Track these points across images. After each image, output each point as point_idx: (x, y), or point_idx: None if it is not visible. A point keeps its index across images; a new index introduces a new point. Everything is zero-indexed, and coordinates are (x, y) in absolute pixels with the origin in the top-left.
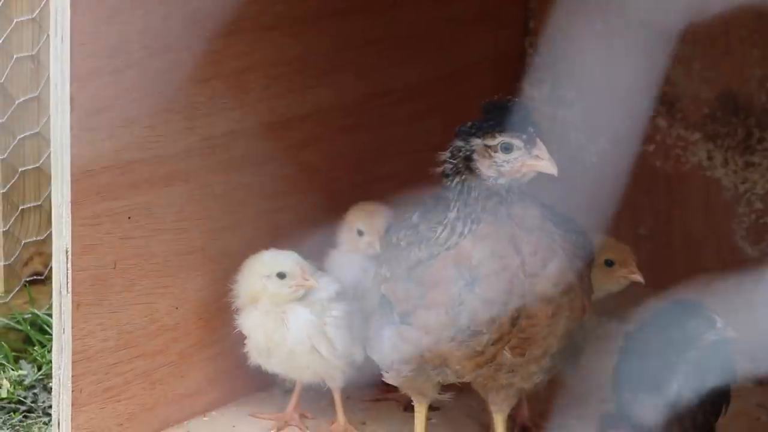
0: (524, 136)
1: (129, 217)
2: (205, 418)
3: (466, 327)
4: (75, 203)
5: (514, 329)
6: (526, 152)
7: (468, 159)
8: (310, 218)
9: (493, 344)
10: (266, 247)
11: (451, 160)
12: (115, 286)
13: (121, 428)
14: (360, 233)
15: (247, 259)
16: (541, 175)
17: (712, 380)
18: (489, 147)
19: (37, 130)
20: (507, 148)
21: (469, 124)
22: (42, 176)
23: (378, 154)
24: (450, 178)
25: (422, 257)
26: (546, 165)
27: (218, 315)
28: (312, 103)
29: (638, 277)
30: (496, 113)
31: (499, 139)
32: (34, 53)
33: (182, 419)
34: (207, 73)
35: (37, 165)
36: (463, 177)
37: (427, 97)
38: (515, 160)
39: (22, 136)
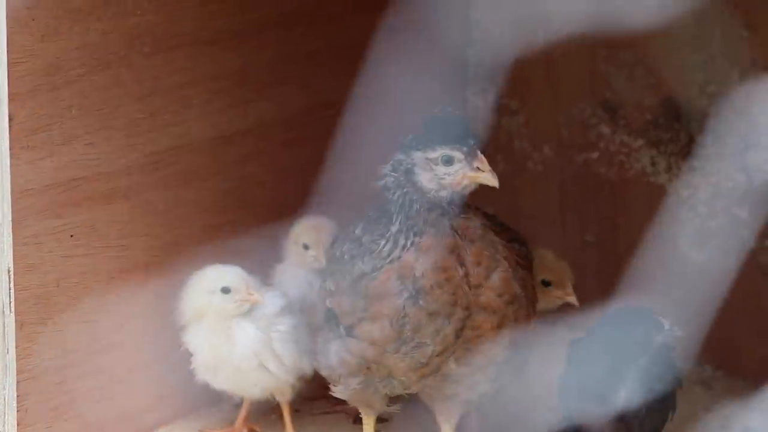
0: (465, 149)
1: (71, 236)
2: None
3: (410, 339)
4: (15, 222)
5: (458, 340)
6: (467, 164)
7: (409, 172)
8: (255, 233)
9: (437, 356)
10: (212, 262)
11: (392, 174)
12: (59, 305)
13: None
14: (306, 247)
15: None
16: (483, 186)
17: (659, 386)
18: (430, 160)
19: None
20: (448, 161)
21: (410, 137)
22: None
23: (322, 167)
24: (391, 191)
25: (366, 270)
26: (487, 177)
27: (164, 332)
28: (254, 117)
29: (573, 300)
30: (436, 126)
31: (439, 152)
32: None
33: None
34: (147, 89)
35: None
36: (405, 190)
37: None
38: (456, 173)
39: None
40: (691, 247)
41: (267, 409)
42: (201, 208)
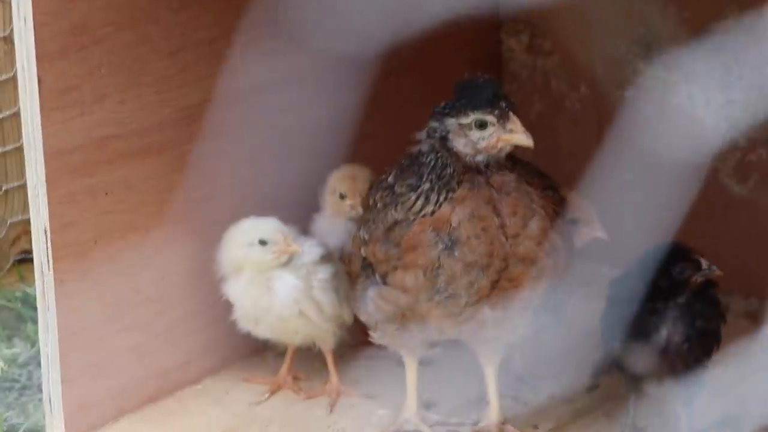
0: (497, 112)
1: (106, 193)
2: (198, 387)
3: (444, 289)
4: (50, 182)
5: (494, 291)
6: (500, 127)
7: (444, 139)
8: (291, 183)
9: (471, 306)
10: (249, 214)
11: (427, 140)
12: (97, 261)
13: (113, 402)
14: (342, 197)
15: (229, 228)
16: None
17: (700, 322)
18: (463, 125)
19: (15, 110)
20: (481, 125)
21: (443, 104)
22: (24, 156)
23: (360, 115)
24: (425, 155)
25: (399, 218)
26: (521, 138)
27: (204, 284)
28: (286, 67)
29: (602, 234)
30: (467, 91)
31: (472, 117)
32: (6, 34)
33: (174, 390)
34: (176, 45)
35: (18, 144)
36: (439, 154)
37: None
38: (490, 136)
39: (1, 116)
40: (732, 181)
41: (311, 357)
42: (235, 160)
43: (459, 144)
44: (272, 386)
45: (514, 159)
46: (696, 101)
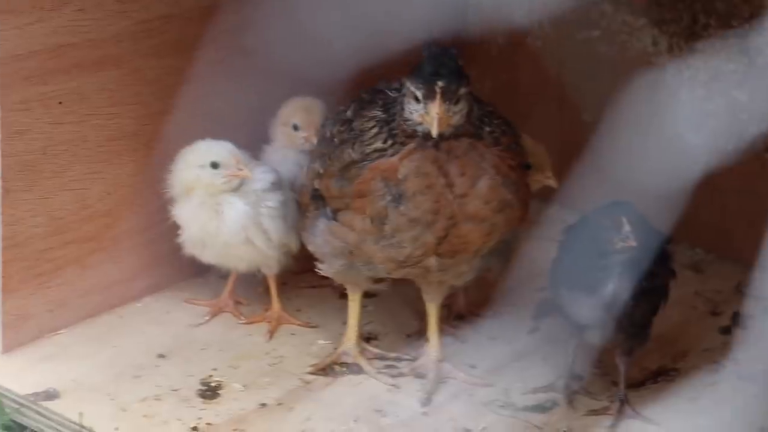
0: (424, 91)
1: (60, 102)
2: (138, 304)
3: (390, 237)
4: (3, 87)
5: (441, 246)
6: (423, 106)
7: (402, 97)
8: (246, 105)
9: (416, 257)
10: (200, 133)
11: (396, 92)
12: (46, 172)
13: (52, 314)
14: (295, 128)
15: (181, 147)
16: (482, 61)
17: (648, 279)
18: (409, 92)
19: None
20: (415, 98)
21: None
22: None
23: (320, 40)
24: (393, 105)
25: (355, 157)
26: (427, 127)
27: (152, 201)
28: None
29: (552, 182)
30: (427, 58)
31: (412, 87)
32: None
33: (115, 305)
34: None
35: None
36: (401, 108)
37: None
38: (416, 111)
39: None
40: (688, 129)
41: (254, 282)
42: (192, 78)
43: (406, 108)
44: (213, 309)
45: (490, 113)
46: (660, 47)
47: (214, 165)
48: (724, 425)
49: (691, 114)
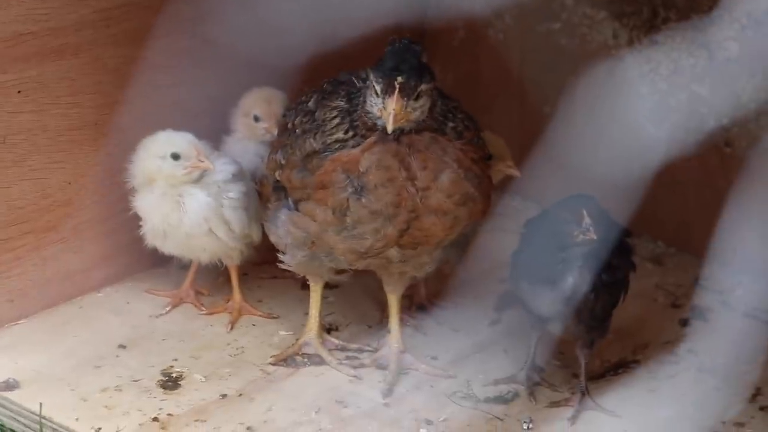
0: (381, 86)
1: (19, 91)
2: (99, 294)
3: (352, 228)
4: None
5: (403, 239)
6: (382, 101)
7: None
8: (206, 94)
9: (377, 249)
10: (162, 123)
11: (361, 81)
12: (5, 161)
13: (11, 304)
14: (256, 119)
15: (142, 137)
16: (442, 52)
17: (609, 272)
18: (371, 85)
19: None
20: (375, 92)
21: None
22: None
23: (283, 30)
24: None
25: (316, 148)
26: (383, 121)
27: (113, 191)
28: None
29: (515, 172)
30: (389, 52)
31: (372, 80)
32: None
33: (75, 295)
34: None
35: None
36: (364, 101)
37: None
38: (376, 105)
39: None
40: (649, 122)
41: (215, 273)
42: (152, 67)
43: (368, 100)
44: (174, 300)
45: (454, 109)
46: (621, 40)
47: (175, 156)
48: (684, 417)
49: (651, 107)
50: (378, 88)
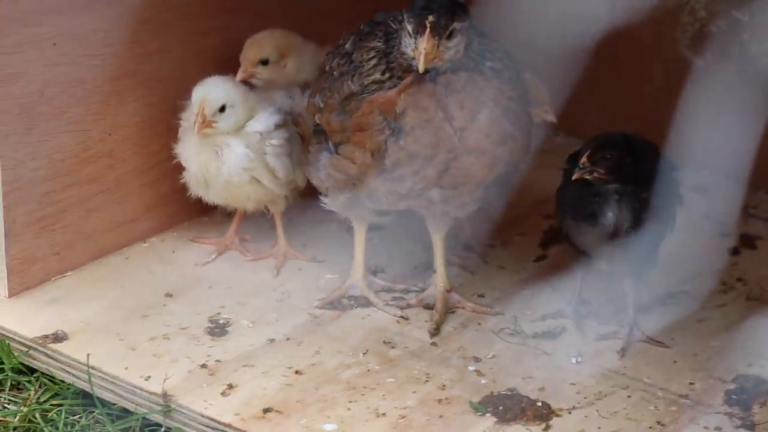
0: (413, 25)
1: (54, 44)
2: (144, 245)
3: (391, 170)
4: None
5: (443, 178)
6: (413, 41)
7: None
8: (240, 40)
9: (418, 190)
10: (198, 70)
11: (397, 24)
12: (44, 115)
13: (58, 257)
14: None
15: (181, 85)
16: None
17: (645, 211)
18: (405, 26)
19: None
20: (408, 32)
21: None
22: None
23: None
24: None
25: (354, 90)
26: (418, 60)
27: (154, 141)
28: None
29: (551, 117)
30: None
31: (405, 21)
32: None
33: (120, 246)
34: None
35: None
36: (399, 42)
37: None
38: (409, 46)
39: None
40: (690, 51)
41: (259, 218)
42: (188, 14)
43: (403, 41)
44: (219, 247)
45: (492, 48)
46: None
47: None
48: (734, 346)
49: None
50: (410, 27)
